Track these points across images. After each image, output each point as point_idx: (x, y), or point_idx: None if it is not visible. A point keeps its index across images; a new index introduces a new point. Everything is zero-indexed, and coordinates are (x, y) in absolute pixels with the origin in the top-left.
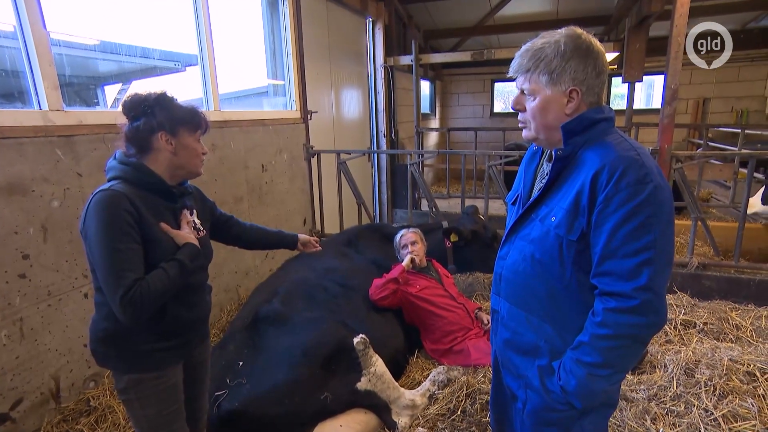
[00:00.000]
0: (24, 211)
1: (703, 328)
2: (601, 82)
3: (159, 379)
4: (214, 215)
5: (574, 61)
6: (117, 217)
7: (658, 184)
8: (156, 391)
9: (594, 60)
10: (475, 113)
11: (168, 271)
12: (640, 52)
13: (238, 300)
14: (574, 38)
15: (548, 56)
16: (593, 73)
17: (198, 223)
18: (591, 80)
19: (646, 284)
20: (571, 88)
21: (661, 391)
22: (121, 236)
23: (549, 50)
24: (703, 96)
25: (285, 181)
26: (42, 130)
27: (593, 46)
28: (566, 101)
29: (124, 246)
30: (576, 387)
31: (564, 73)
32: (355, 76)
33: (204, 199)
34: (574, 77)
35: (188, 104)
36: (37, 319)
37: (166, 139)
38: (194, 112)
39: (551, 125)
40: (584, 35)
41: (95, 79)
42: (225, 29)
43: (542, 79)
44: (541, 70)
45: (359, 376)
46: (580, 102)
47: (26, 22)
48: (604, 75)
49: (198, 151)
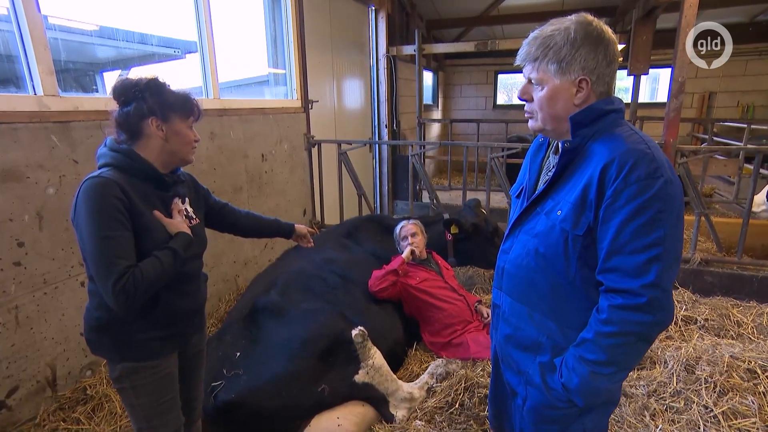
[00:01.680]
0: (19, 199)
1: (704, 325)
2: (612, 71)
3: (154, 368)
4: (209, 203)
5: (584, 49)
6: (107, 205)
7: (668, 178)
8: (151, 381)
9: (605, 48)
10: (477, 105)
11: (161, 260)
12: (647, 44)
13: (236, 290)
14: (585, 25)
15: (557, 44)
16: (604, 61)
17: (191, 212)
18: (601, 69)
19: (654, 281)
20: (580, 77)
21: (661, 387)
22: (111, 223)
23: (558, 38)
24: (708, 90)
25: (285, 171)
26: (37, 115)
27: (605, 33)
28: (575, 91)
29: (114, 233)
30: (578, 385)
31: (574, 61)
32: (356, 65)
33: (197, 187)
34: (584, 66)
35: (181, 90)
36: (33, 307)
37: (157, 124)
38: (186, 98)
39: (559, 116)
40: (595, 22)
41: (93, 65)
42: (226, 16)
43: (551, 68)
44: (549, 59)
45: (357, 369)
46: (589, 92)
47: (20, 4)
48: (615, 64)
49: (190, 138)
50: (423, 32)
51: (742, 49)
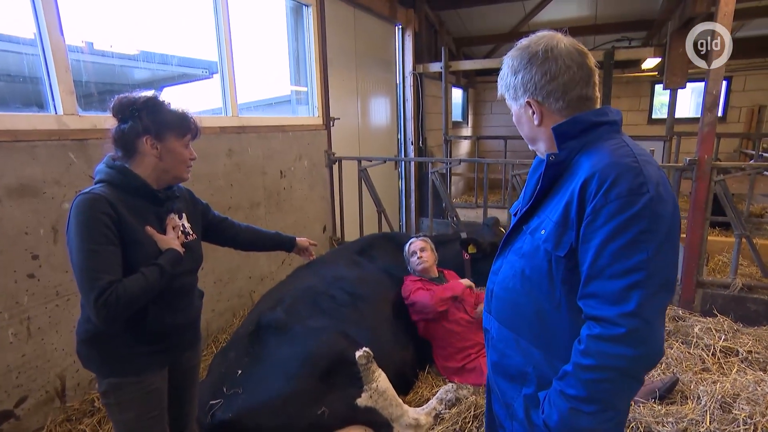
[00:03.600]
0: (35, 213)
1: (747, 357)
2: (561, 84)
3: (139, 384)
4: (207, 218)
5: (521, 73)
6: (94, 219)
7: (656, 195)
8: (135, 396)
9: (549, 63)
10: (507, 121)
11: (146, 276)
12: (683, 56)
13: (251, 305)
14: (520, 52)
15: (504, 74)
16: (544, 79)
17: (188, 227)
18: (548, 86)
19: (634, 310)
20: (526, 100)
21: (692, 426)
22: (97, 238)
23: (505, 69)
24: (758, 103)
25: (304, 187)
26: (56, 133)
27: (552, 49)
28: (531, 112)
29: (100, 248)
30: (557, 422)
31: (517, 87)
32: (382, 83)
33: (195, 202)
34: (525, 90)
35: (179, 109)
36: (45, 318)
37: (151, 143)
38: (183, 117)
39: (530, 137)
40: (540, 41)
41: (127, 87)
42: (249, 36)
43: (507, 96)
44: (504, 89)
45: (360, 392)
46: (541, 110)
47: (44, 28)
48: (564, 76)
49: (184, 156)
50: (452, 49)
51: None
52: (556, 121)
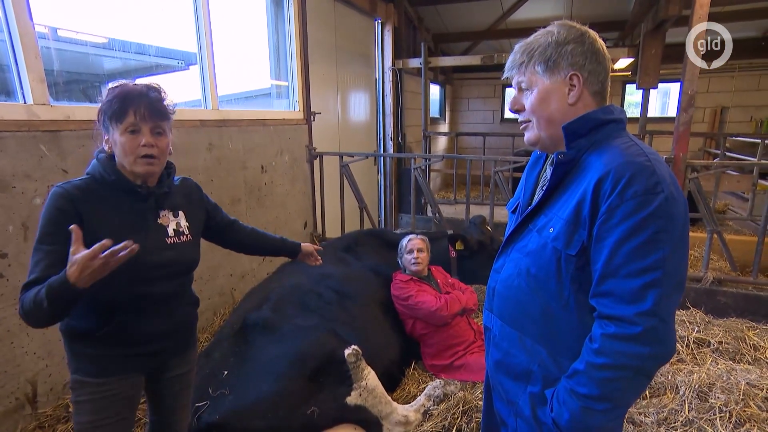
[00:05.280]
0: (3, 208)
1: (718, 348)
2: (604, 69)
3: (100, 386)
4: (215, 219)
5: (570, 45)
6: (49, 215)
7: (670, 194)
8: (93, 399)
9: (591, 45)
10: (485, 119)
11: (40, 290)
12: (656, 57)
13: (232, 304)
14: (567, 26)
15: (542, 45)
16: (593, 57)
17: (183, 227)
18: (592, 65)
19: (651, 309)
20: (571, 73)
21: (672, 416)
22: (44, 236)
23: (542, 39)
24: (720, 104)
25: (286, 182)
26: (26, 124)
27: (588, 33)
28: (567, 89)
29: (40, 246)
30: (569, 421)
31: (561, 58)
32: (362, 78)
33: (201, 200)
34: (572, 62)
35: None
36: (15, 320)
37: (107, 138)
38: (113, 100)
39: (554, 118)
40: (577, 24)
41: (98, 77)
42: (229, 29)
43: (538, 68)
44: (536, 60)
45: (349, 390)
46: (582, 89)
47: (11, 12)
48: (607, 62)
49: (128, 146)
50: (430, 45)
51: (754, 64)
52: (587, 105)
